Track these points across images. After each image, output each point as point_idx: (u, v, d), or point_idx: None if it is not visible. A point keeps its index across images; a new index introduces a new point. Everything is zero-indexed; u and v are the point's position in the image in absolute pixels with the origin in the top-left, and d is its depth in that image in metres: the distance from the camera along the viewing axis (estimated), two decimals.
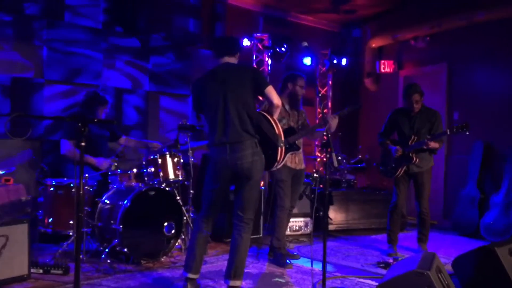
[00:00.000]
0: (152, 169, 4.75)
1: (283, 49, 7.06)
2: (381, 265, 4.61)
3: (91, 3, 5.89)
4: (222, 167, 3.47)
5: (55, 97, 5.64)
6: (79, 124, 2.41)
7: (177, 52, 6.65)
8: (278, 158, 3.67)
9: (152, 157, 4.80)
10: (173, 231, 4.54)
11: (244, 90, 3.47)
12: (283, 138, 3.67)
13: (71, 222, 4.43)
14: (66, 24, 5.67)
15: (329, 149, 3.42)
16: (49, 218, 4.49)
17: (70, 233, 4.43)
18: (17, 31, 5.34)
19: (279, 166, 3.80)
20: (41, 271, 3.89)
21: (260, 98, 3.79)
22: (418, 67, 7.78)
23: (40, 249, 4.58)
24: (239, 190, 3.51)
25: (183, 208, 4.76)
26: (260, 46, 7.22)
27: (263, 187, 5.83)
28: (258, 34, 7.14)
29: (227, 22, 7.08)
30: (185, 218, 4.78)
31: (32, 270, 3.82)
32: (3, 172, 2.56)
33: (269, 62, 7.24)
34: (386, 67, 7.99)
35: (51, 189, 4.51)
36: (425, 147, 4.81)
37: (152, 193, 4.51)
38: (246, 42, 6.95)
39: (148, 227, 4.43)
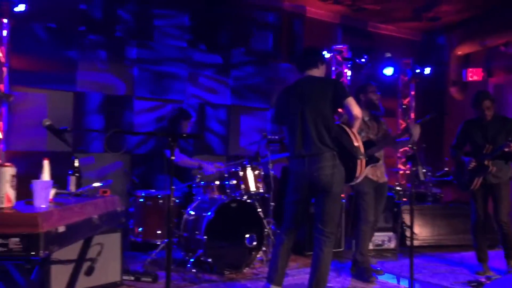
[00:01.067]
0: (234, 182, 4.86)
1: (362, 60, 6.97)
2: (472, 284, 4.36)
3: (177, 23, 6.21)
4: (301, 180, 3.49)
5: (144, 112, 5.98)
6: (170, 139, 2.54)
7: (256, 67, 6.81)
8: (358, 171, 3.60)
9: (234, 169, 4.91)
10: (254, 243, 4.60)
11: (323, 102, 3.47)
12: (362, 151, 3.61)
13: (159, 232, 4.64)
14: (154, 43, 6.02)
15: (415, 162, 3.31)
16: (139, 228, 4.73)
17: (158, 243, 4.63)
18: (110, 52, 5.74)
19: (359, 180, 3.73)
20: (132, 278, 4.10)
21: (340, 110, 3.76)
22: (511, 75, 7.31)
23: (130, 257, 4.83)
24: (319, 203, 3.49)
25: (264, 220, 4.81)
26: (339, 58, 7.17)
27: (343, 200, 5.74)
28: (337, 46, 7.12)
29: (305, 35, 7.13)
30: (266, 230, 4.83)
31: (124, 277, 4.02)
32: (101, 184, 2.74)
33: (349, 73, 7.17)
34: (473, 75, 7.60)
35: (141, 200, 4.76)
36: (506, 150, 4.49)
37: (234, 205, 4.61)
38: (326, 55, 6.94)
39: (230, 239, 4.52)
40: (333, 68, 7.21)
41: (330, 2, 6.87)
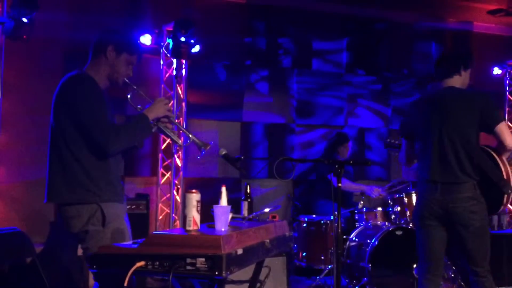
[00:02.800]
0: (398, 208, 4.69)
1: None
2: None
3: (335, 50, 6.31)
4: (429, 208, 3.01)
5: (304, 139, 6.15)
6: (337, 166, 2.56)
7: (418, 87, 6.58)
8: (504, 202, 2.99)
9: (397, 196, 4.75)
10: None
11: (465, 122, 2.97)
12: None
13: (322, 257, 4.67)
14: (313, 71, 6.21)
15: None
16: (303, 253, 4.82)
17: (322, 268, 4.66)
18: (272, 82, 6.06)
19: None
20: None
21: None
22: None
23: (295, 281, 4.93)
24: (460, 240, 2.98)
25: None
26: None
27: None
28: (511, 61, 6.54)
29: (473, 52, 6.66)
30: None
31: None
32: (269, 209, 2.88)
33: None
34: None
35: (304, 225, 4.86)
36: None
37: (400, 232, 4.42)
38: (496, 71, 6.54)
39: (396, 268, 4.34)
40: (507, 88, 6.62)
41: (502, 15, 6.36)
